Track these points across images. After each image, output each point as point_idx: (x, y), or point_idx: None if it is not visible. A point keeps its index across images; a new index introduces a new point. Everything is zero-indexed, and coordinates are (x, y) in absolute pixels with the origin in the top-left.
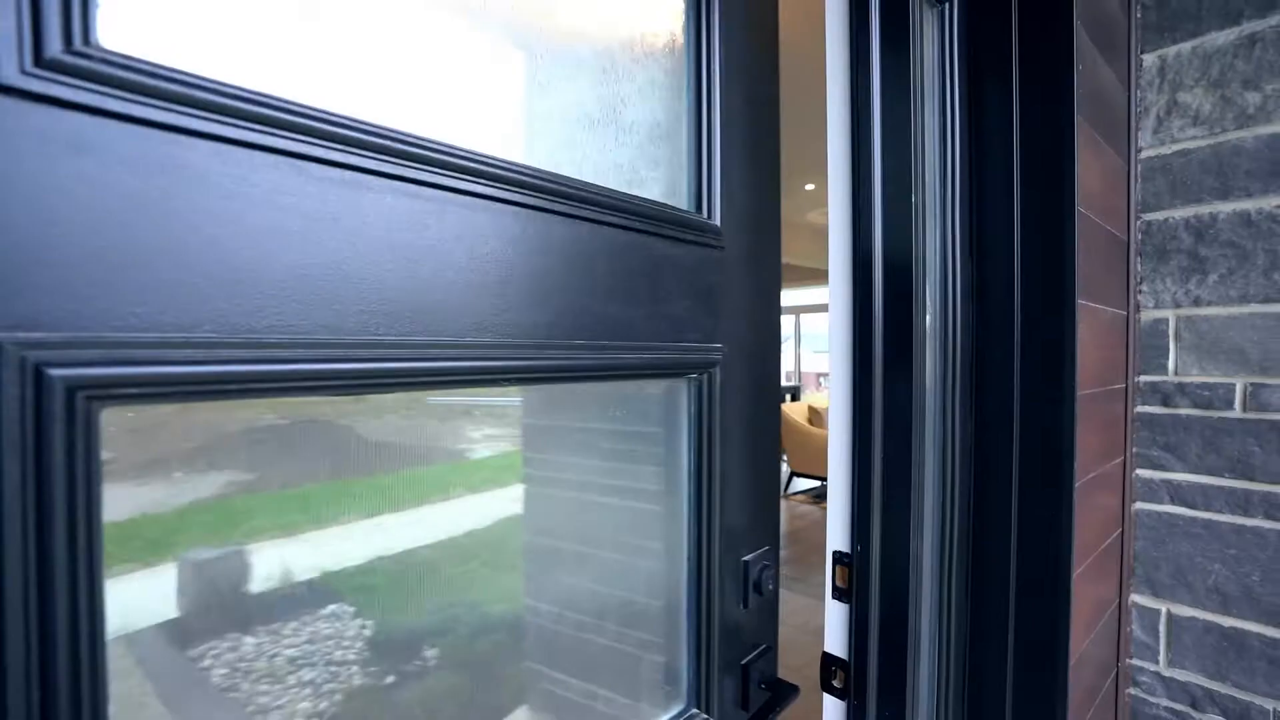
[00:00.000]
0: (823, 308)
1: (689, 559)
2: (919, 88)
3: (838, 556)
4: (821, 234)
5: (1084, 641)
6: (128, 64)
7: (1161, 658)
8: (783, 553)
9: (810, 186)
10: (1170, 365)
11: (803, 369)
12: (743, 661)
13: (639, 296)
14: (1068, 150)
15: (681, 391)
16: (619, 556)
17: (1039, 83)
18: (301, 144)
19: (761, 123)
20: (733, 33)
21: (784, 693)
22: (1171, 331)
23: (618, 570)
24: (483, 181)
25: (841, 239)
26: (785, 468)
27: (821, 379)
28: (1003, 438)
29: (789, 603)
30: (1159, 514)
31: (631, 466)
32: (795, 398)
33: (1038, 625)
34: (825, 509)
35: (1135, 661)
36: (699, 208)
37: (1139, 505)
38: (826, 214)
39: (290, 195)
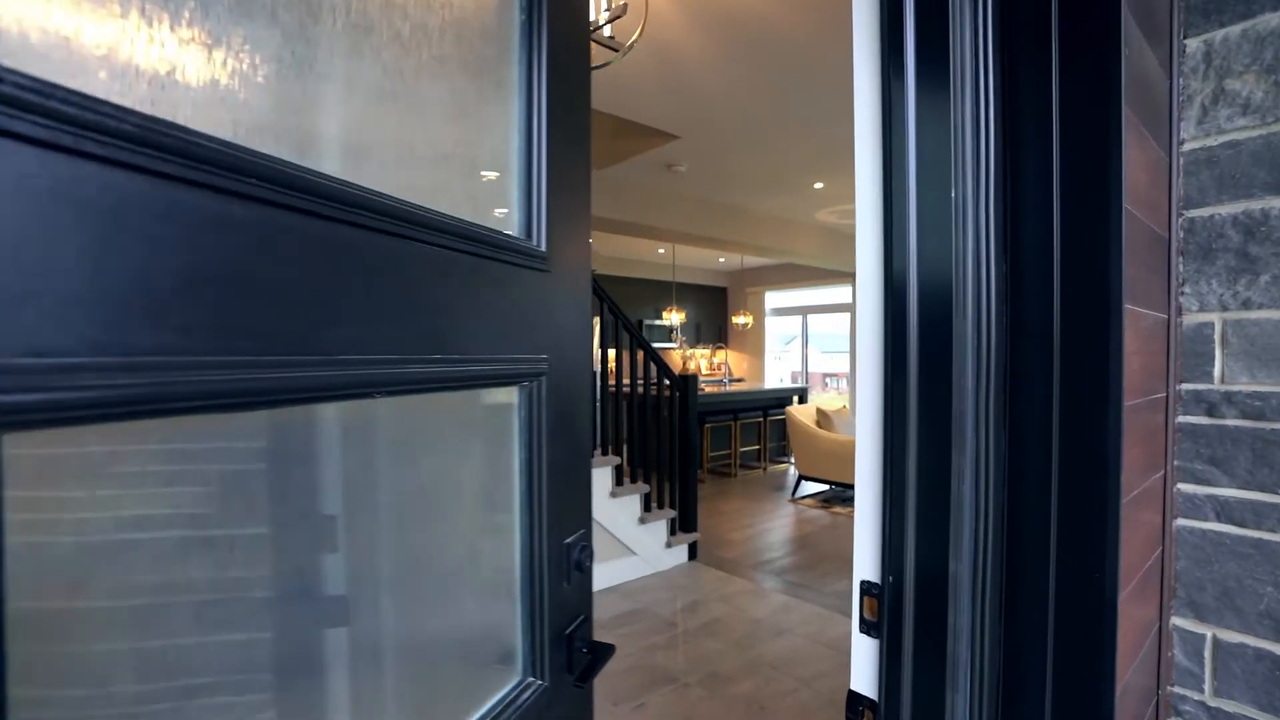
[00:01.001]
0: (830, 308)
1: (522, 547)
2: (958, 67)
3: (866, 587)
4: (829, 233)
5: (1128, 670)
6: None
7: (1206, 686)
8: (791, 559)
9: (819, 185)
10: (1216, 373)
11: (809, 369)
12: (567, 631)
13: (484, 314)
14: (1115, 142)
15: (515, 397)
16: (458, 550)
17: (1083, 68)
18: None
19: (578, 159)
20: (555, 74)
21: (602, 653)
22: (1217, 336)
23: (457, 562)
24: (332, 205)
25: (871, 237)
26: (793, 470)
27: (828, 379)
28: (1040, 453)
29: (797, 611)
30: (1204, 532)
31: (471, 465)
32: (803, 399)
33: (1081, 654)
34: (833, 513)
35: (1177, 689)
36: (529, 235)
37: (1181, 522)
38: (835, 213)
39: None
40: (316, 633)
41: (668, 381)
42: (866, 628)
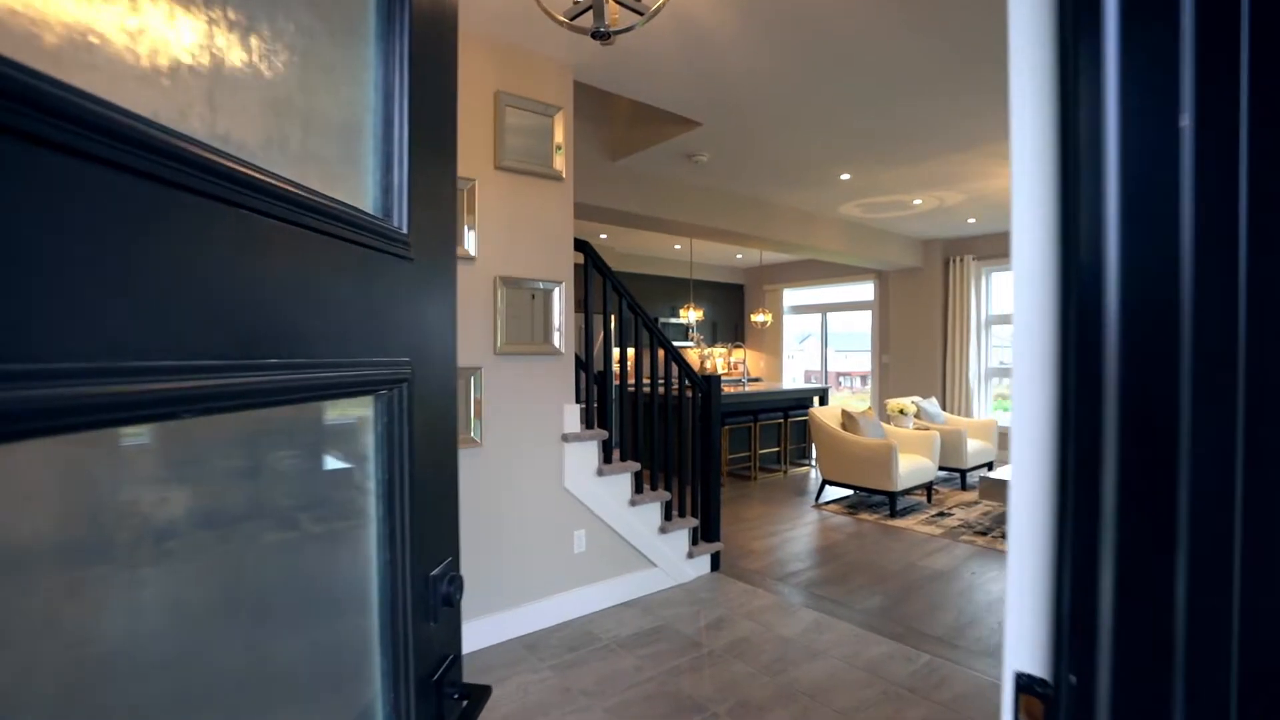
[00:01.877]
0: (851, 306)
1: (380, 583)
2: None
3: (1025, 683)
4: (852, 228)
5: None
6: None
7: None
8: (819, 570)
9: (846, 176)
10: None
11: (829, 369)
12: (434, 677)
13: (333, 309)
14: None
15: (371, 409)
16: (300, 591)
17: None
18: None
19: (445, 130)
20: (419, 26)
21: (478, 696)
22: None
23: (299, 606)
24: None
25: (1037, 227)
26: (815, 474)
27: (841, 378)
28: None
29: (830, 630)
30: None
31: (316, 491)
32: (824, 400)
33: None
34: (859, 520)
35: None
36: (389, 214)
37: None
38: (860, 206)
39: None
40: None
41: (689, 383)
42: None
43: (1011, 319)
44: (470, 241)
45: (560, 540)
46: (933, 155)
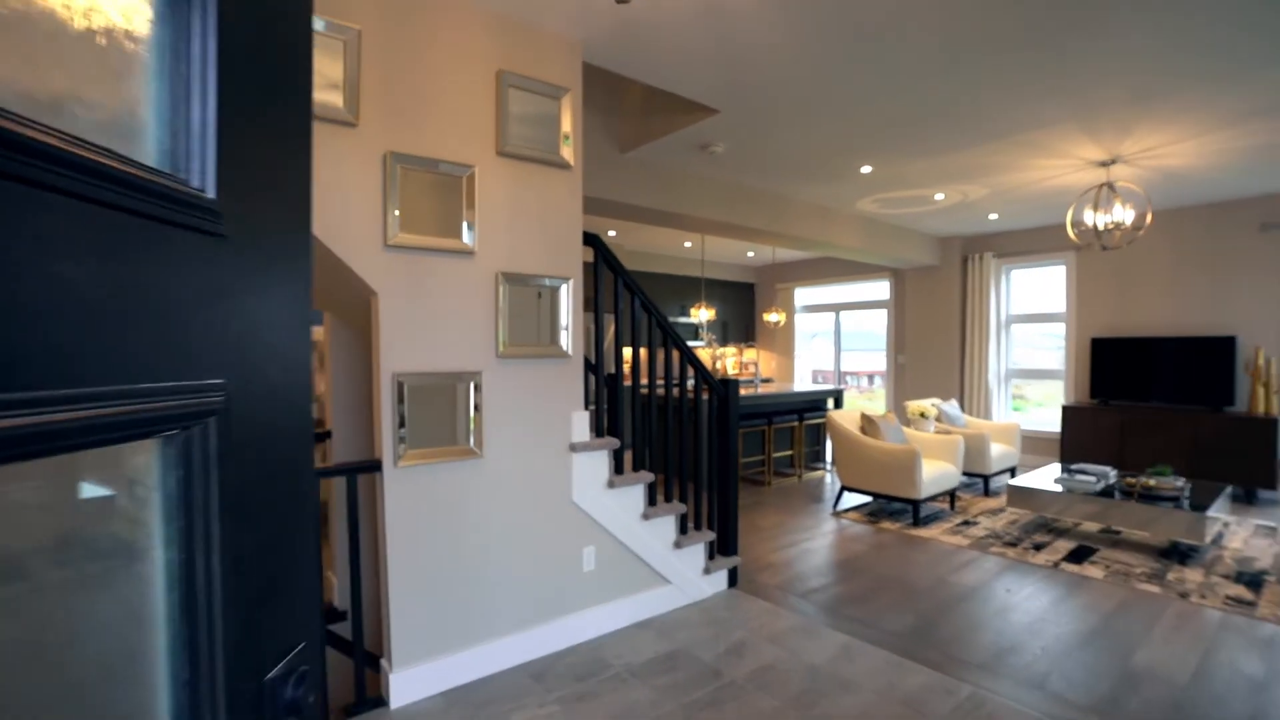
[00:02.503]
0: (866, 304)
1: (174, 704)
2: None
3: None
4: (869, 224)
5: None
6: None
7: None
8: (842, 587)
9: (867, 169)
10: None
11: (842, 368)
12: None
13: (85, 309)
14: None
15: (155, 456)
16: None
17: None
18: None
19: (289, 61)
20: None
21: None
22: None
23: None
24: None
25: None
26: (833, 479)
27: (848, 378)
28: None
29: (861, 657)
30: None
31: (52, 606)
32: (839, 402)
33: None
34: (880, 529)
35: None
36: (179, 169)
37: None
38: (878, 201)
39: None
40: None
41: (706, 385)
42: None
43: (1035, 318)
44: (468, 235)
45: (568, 558)
46: (961, 146)
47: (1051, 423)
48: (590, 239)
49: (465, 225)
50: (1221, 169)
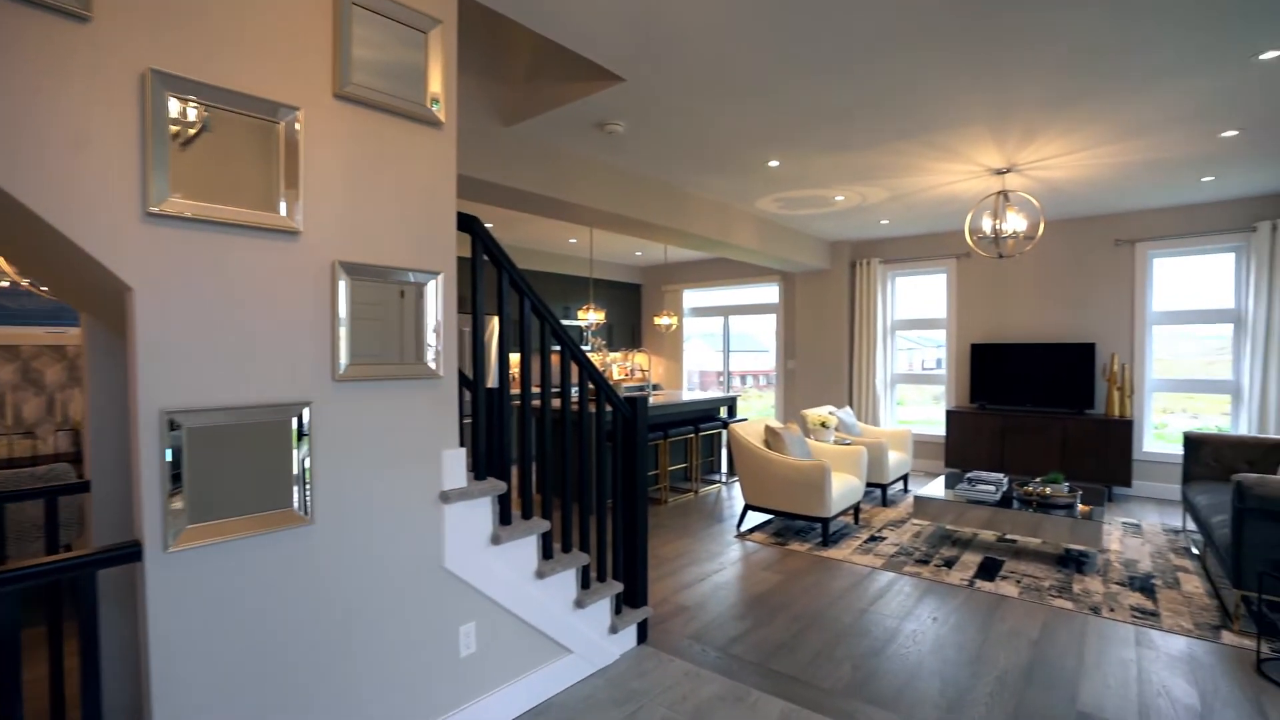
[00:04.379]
0: (753, 309)
1: None
2: None
3: None
4: (766, 225)
5: None
6: None
7: None
8: (766, 631)
9: (774, 163)
10: None
11: (690, 368)
12: None
13: None
14: None
15: None
16: None
17: None
18: None
19: None
20: None
21: None
22: None
23: None
24: None
25: None
26: (730, 492)
27: (720, 378)
28: None
29: None
30: None
31: None
32: (732, 410)
33: None
34: (789, 552)
35: None
36: None
37: None
38: (779, 200)
39: None
40: None
41: (609, 404)
42: None
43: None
44: (289, 207)
45: (440, 642)
46: (875, 142)
47: (930, 424)
48: (467, 222)
49: (284, 193)
50: (1091, 184)
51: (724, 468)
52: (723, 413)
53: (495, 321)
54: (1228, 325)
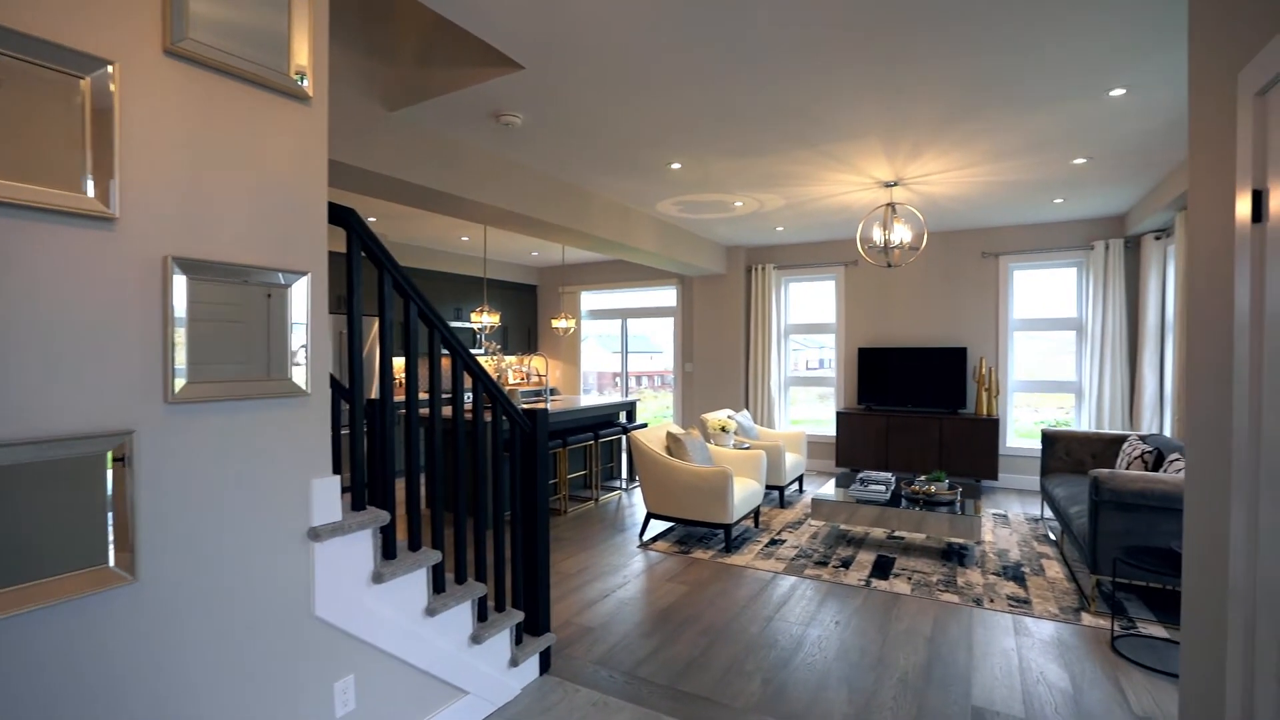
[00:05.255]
0: (651, 312)
1: None
2: None
3: None
4: (666, 229)
5: None
6: None
7: None
8: (675, 649)
9: (676, 165)
10: None
11: (588, 369)
12: None
13: None
14: None
15: None
16: None
17: None
18: None
19: None
20: None
21: None
22: None
23: None
24: None
25: None
26: (631, 499)
27: (617, 378)
28: None
29: None
30: None
31: None
32: (631, 415)
33: None
34: (694, 560)
35: None
36: None
37: None
38: (679, 204)
39: None
40: None
41: (508, 418)
42: None
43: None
44: (99, 186)
45: (310, 704)
46: (778, 149)
47: (820, 424)
48: (343, 214)
49: (92, 169)
50: (965, 200)
51: (624, 473)
52: (622, 417)
53: (377, 325)
54: (1072, 332)
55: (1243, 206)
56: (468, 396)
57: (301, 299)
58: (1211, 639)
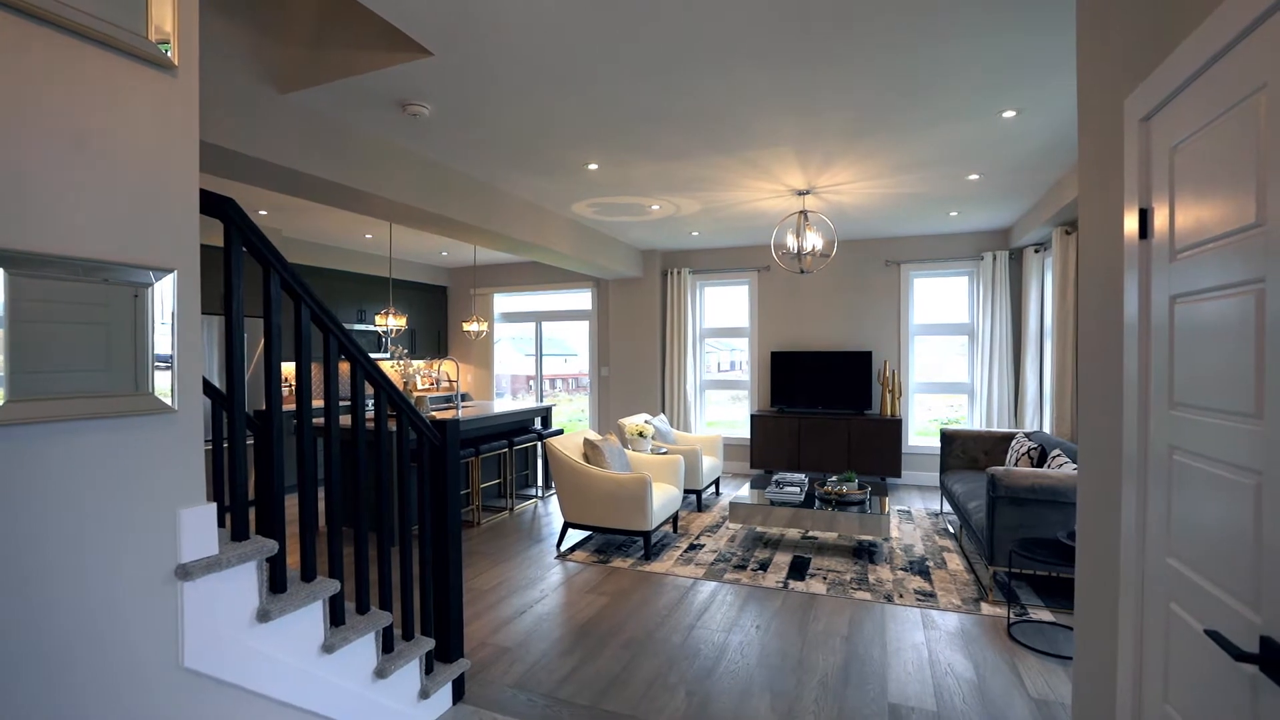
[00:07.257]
0: (566, 315)
1: None
2: None
3: None
4: (582, 231)
5: None
6: None
7: None
8: (596, 665)
9: (593, 166)
10: None
11: (500, 373)
12: None
13: None
14: None
15: None
16: None
17: None
18: None
19: None
20: None
21: None
22: None
23: None
24: None
25: None
26: (545, 507)
27: (531, 381)
28: None
29: None
30: None
31: None
32: (546, 421)
33: None
34: (612, 569)
35: None
36: None
37: None
38: (594, 206)
39: None
40: None
41: (415, 431)
42: None
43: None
44: None
45: None
46: (695, 154)
47: (735, 426)
48: (218, 204)
49: None
50: (871, 210)
51: (540, 480)
52: (538, 423)
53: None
54: (964, 336)
55: (1130, 223)
56: (371, 404)
57: (166, 300)
58: (1104, 622)
